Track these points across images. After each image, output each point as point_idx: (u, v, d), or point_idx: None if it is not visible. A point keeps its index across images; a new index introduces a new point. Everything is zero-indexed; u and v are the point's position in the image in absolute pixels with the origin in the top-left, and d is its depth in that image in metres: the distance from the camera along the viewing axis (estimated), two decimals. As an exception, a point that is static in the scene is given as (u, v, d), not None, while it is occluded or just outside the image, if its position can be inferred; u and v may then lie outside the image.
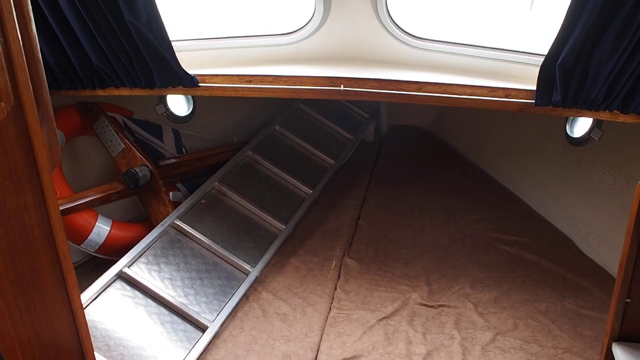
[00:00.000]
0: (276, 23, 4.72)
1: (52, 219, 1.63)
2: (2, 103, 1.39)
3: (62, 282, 1.71)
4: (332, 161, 5.81)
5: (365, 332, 3.93)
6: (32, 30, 1.52)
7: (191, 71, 3.99)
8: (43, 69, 1.58)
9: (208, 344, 3.76)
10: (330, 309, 4.18)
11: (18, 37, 1.44)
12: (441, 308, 4.17)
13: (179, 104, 5.43)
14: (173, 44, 3.80)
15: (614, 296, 3.06)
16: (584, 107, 3.69)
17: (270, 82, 4.05)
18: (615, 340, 3.15)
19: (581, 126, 5.05)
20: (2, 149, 1.41)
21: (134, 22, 3.61)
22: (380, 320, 4.04)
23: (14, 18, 1.43)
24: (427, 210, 5.45)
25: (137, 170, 4.54)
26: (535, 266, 4.64)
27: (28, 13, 1.50)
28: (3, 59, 1.39)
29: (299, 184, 5.33)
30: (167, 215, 4.51)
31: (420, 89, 3.97)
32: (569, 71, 3.55)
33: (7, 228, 1.45)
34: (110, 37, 3.69)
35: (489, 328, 3.99)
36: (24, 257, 1.53)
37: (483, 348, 3.80)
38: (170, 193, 5.00)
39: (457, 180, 5.98)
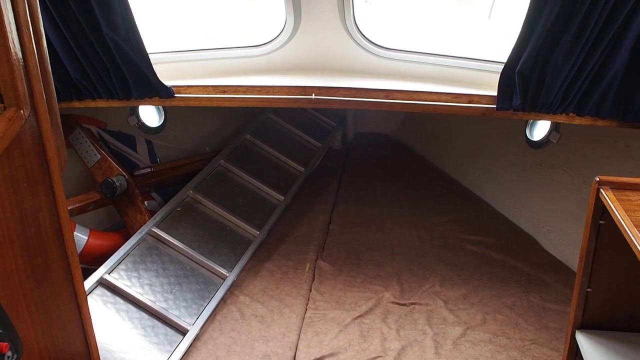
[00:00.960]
0: (247, 34, 4.88)
1: (62, 219, 1.76)
2: (22, 110, 1.53)
3: (70, 277, 1.84)
4: (302, 168, 5.95)
5: (341, 330, 4.08)
6: (43, 45, 1.65)
7: (167, 82, 4.11)
8: (52, 80, 1.71)
9: (189, 347, 3.87)
10: (306, 309, 4.32)
11: (34, 51, 1.58)
12: (413, 306, 4.35)
13: (150, 116, 5.53)
14: (150, 56, 3.93)
15: (576, 286, 3.26)
16: (542, 111, 3.90)
17: (244, 92, 4.19)
18: (578, 329, 3.36)
19: (540, 130, 5.31)
20: (21, 152, 1.54)
21: (113, 36, 3.72)
22: (355, 318, 4.20)
23: (30, 34, 1.57)
24: (396, 213, 5.63)
25: (114, 179, 4.64)
26: (501, 264, 4.85)
27: (40, 30, 1.63)
28: (22, 71, 1.53)
29: (271, 190, 5.46)
30: (144, 223, 4.61)
31: (388, 96, 4.15)
32: (527, 77, 3.76)
33: (25, 226, 1.58)
34: (88, 51, 3.79)
35: (459, 323, 4.17)
36: (39, 253, 1.65)
37: (454, 342, 3.98)
38: (145, 202, 5.09)
39: (424, 184, 6.17)
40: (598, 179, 2.92)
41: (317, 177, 6.19)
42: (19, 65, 1.53)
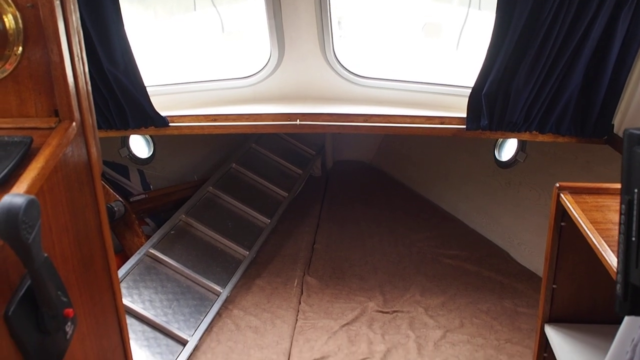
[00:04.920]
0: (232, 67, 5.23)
1: (102, 216, 2.07)
2: (74, 122, 1.85)
3: (107, 267, 2.14)
4: (285, 194, 6.28)
5: (330, 337, 4.38)
6: (86, 70, 1.98)
7: (162, 113, 4.40)
8: (92, 99, 2.04)
9: (189, 356, 4.14)
10: (297, 320, 4.61)
11: (81, 74, 1.92)
12: (396, 313, 4.66)
13: (140, 147, 5.86)
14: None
15: (543, 284, 3.57)
16: (508, 130, 4.25)
17: (234, 120, 4.52)
18: (547, 323, 3.68)
19: (508, 150, 5.70)
20: (72, 157, 1.85)
21: (113, 70, 4.02)
22: (343, 326, 4.50)
23: (79, 60, 1.90)
24: (376, 233, 5.96)
25: (113, 205, 4.93)
26: (476, 275, 5.18)
27: (84, 57, 1.97)
28: (74, 90, 1.86)
29: (257, 214, 5.77)
30: (141, 245, 4.90)
31: (367, 120, 4.50)
32: (493, 99, 4.11)
33: (76, 220, 1.88)
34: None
35: (439, 327, 4.49)
36: (86, 243, 1.95)
37: (435, 343, 4.30)
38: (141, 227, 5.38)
39: (400, 206, 6.50)
40: (558, 184, 3.27)
41: (299, 201, 6.49)
42: (72, 85, 1.86)
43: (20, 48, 1.82)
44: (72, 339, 1.75)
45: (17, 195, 1.31)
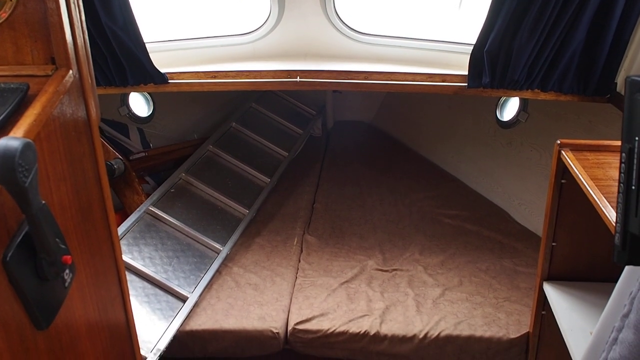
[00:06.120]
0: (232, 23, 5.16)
1: (99, 166, 2.06)
2: (71, 70, 1.83)
3: (106, 217, 2.14)
4: (285, 153, 6.25)
5: (329, 294, 4.40)
6: (83, 19, 1.96)
7: (160, 69, 4.38)
8: (90, 48, 2.02)
9: (190, 312, 4.16)
10: (296, 277, 4.63)
11: (78, 22, 1.89)
12: (395, 272, 4.68)
13: (140, 106, 5.83)
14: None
15: (542, 241, 3.59)
16: (510, 88, 4.22)
17: (234, 77, 4.48)
18: (545, 280, 3.71)
19: (509, 110, 5.66)
20: (69, 105, 1.84)
21: (111, 25, 3.97)
22: (342, 284, 4.52)
23: (76, 8, 1.88)
24: (376, 192, 5.94)
25: (113, 162, 4.92)
26: (475, 234, 5.18)
27: (80, 5, 1.94)
28: (70, 38, 1.84)
29: (258, 173, 5.76)
30: (141, 203, 4.89)
31: (367, 77, 4.47)
32: (495, 56, 4.08)
33: (75, 168, 1.87)
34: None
35: (438, 285, 4.51)
36: (84, 192, 1.94)
37: (434, 301, 4.32)
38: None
39: (401, 166, 6.47)
40: (559, 142, 3.26)
41: (299, 161, 6.46)
42: (69, 33, 1.83)
43: (16, -6, 1.80)
44: (71, 288, 1.75)
45: (12, 139, 1.30)
